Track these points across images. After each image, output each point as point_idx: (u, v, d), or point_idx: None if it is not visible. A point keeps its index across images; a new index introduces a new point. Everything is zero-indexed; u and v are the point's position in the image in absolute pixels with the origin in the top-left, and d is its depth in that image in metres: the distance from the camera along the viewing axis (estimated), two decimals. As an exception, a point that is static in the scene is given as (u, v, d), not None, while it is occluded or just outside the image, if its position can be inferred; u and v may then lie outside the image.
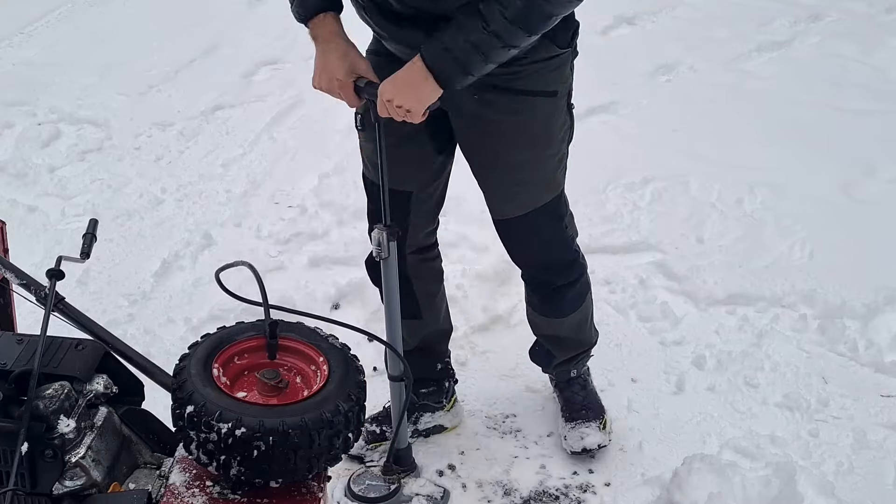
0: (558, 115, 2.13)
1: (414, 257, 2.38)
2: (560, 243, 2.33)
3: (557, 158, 2.19)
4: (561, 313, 2.46)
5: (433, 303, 2.52)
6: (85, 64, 5.16)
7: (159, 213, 3.74)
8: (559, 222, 2.28)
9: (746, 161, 4.08)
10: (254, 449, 1.34)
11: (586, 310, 2.51)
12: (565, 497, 2.46)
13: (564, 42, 2.05)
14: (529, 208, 2.21)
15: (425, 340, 2.53)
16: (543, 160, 2.16)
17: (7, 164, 4.05)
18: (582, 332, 2.55)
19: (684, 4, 6.02)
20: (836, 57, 5.28)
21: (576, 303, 2.45)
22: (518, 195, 2.21)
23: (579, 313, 2.48)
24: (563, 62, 2.08)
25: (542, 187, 2.20)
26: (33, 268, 1.89)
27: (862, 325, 3.05)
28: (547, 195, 2.21)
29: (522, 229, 2.27)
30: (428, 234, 2.42)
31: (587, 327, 2.56)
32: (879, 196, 3.83)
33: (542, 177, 2.18)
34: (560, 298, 2.42)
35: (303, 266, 3.38)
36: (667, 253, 3.45)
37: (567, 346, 2.56)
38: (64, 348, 1.51)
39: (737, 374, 2.86)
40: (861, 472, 2.52)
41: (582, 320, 2.51)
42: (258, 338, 1.54)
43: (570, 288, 2.41)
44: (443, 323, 2.59)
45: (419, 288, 2.43)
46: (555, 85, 2.09)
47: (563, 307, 2.44)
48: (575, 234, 2.37)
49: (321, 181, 3.87)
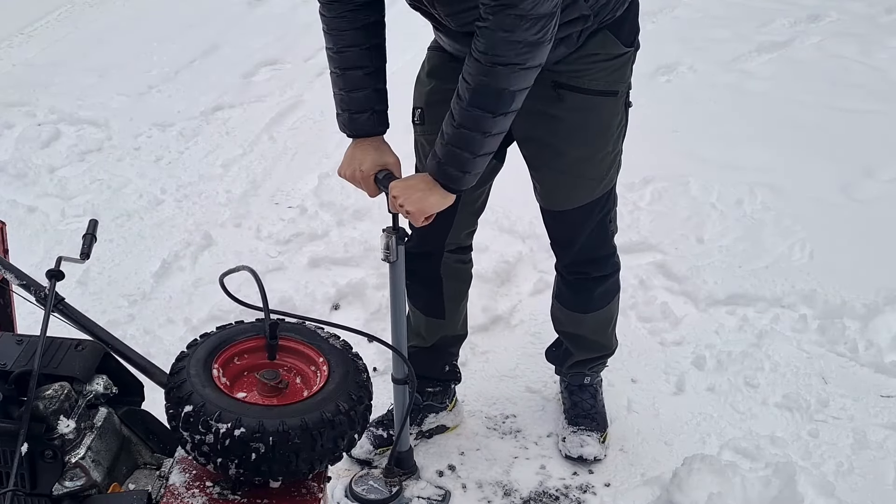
0: (616, 114, 2.15)
1: (451, 256, 2.40)
2: (603, 237, 2.36)
3: (613, 155, 2.22)
4: (588, 308, 2.46)
5: (458, 306, 2.53)
6: (85, 64, 5.16)
7: (159, 214, 3.74)
8: (606, 216, 2.31)
9: (746, 161, 4.09)
10: (253, 450, 1.34)
11: (612, 311, 2.52)
12: (565, 497, 2.46)
13: (629, 40, 2.08)
14: (583, 202, 2.23)
15: (442, 341, 2.54)
16: (601, 157, 2.18)
17: (7, 165, 4.05)
18: (604, 335, 2.55)
19: (684, 4, 6.02)
20: (836, 57, 5.29)
21: (604, 299, 2.46)
22: (574, 189, 2.22)
23: (605, 311, 2.48)
24: (626, 61, 2.11)
25: (597, 183, 2.22)
26: (33, 268, 1.89)
27: (862, 325, 3.05)
28: (600, 190, 2.23)
29: (572, 221, 2.29)
30: (468, 235, 2.44)
31: (609, 331, 2.56)
32: (879, 196, 3.83)
33: (598, 173, 2.20)
34: (590, 291, 2.43)
35: (303, 266, 3.38)
36: (667, 253, 3.45)
37: (586, 346, 2.56)
38: (64, 349, 1.51)
39: (737, 375, 2.86)
40: (861, 472, 2.52)
41: (605, 321, 2.52)
42: (258, 338, 1.54)
43: (602, 283, 2.42)
44: (461, 328, 2.60)
45: (448, 288, 2.44)
46: (617, 85, 2.11)
47: (591, 301, 2.45)
48: (615, 230, 2.39)
49: (321, 181, 3.87)
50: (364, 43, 2.01)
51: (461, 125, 1.83)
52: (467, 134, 1.83)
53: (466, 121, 1.82)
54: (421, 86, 2.24)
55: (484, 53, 1.74)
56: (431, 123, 2.17)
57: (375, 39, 2.03)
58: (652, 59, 5.11)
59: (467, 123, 1.82)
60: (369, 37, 2.02)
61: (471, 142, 1.84)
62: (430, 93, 2.19)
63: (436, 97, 2.16)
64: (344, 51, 2.02)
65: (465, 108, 1.81)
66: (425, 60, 2.25)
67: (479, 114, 1.80)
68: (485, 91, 1.78)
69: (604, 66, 2.06)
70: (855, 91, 4.83)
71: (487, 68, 1.75)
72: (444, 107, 2.09)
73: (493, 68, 1.75)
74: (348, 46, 2.01)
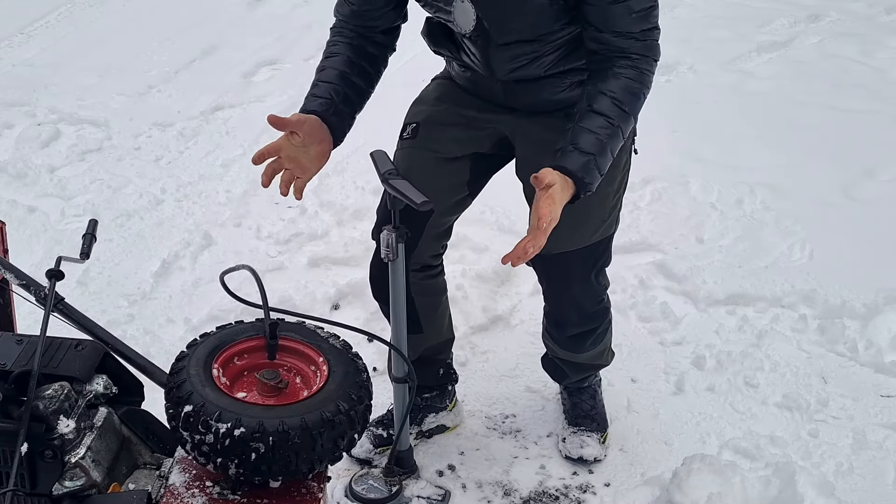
0: (625, 149, 2.15)
1: (416, 275, 2.37)
2: (592, 294, 2.33)
3: (616, 198, 2.20)
4: (579, 350, 2.45)
5: (434, 316, 2.49)
6: (85, 64, 5.16)
7: (159, 214, 3.74)
8: (601, 268, 2.29)
9: (746, 161, 4.09)
10: (253, 450, 1.34)
11: (605, 343, 2.51)
12: (565, 497, 2.46)
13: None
14: (584, 243, 2.19)
15: (427, 352, 2.52)
16: (607, 194, 2.15)
17: (7, 165, 4.05)
18: (600, 359, 2.56)
19: (684, 4, 6.02)
20: (836, 57, 5.29)
21: (596, 342, 2.45)
22: (577, 229, 2.14)
23: (600, 346, 2.48)
24: None
25: (599, 223, 2.18)
26: (33, 268, 1.89)
27: (862, 325, 3.05)
28: (600, 234, 2.20)
29: (567, 264, 2.23)
30: (434, 257, 2.41)
31: (605, 355, 2.57)
32: (879, 196, 3.83)
33: (602, 212, 2.17)
34: (582, 340, 2.41)
35: (302, 266, 3.38)
36: (667, 253, 3.45)
37: (583, 370, 2.57)
38: (64, 349, 1.50)
39: (737, 375, 2.86)
40: (861, 472, 2.52)
41: (600, 352, 2.52)
42: (258, 338, 1.54)
43: (592, 332, 2.41)
44: (445, 333, 2.57)
45: (421, 304, 2.41)
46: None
47: (581, 347, 2.43)
48: (607, 285, 2.39)
49: (321, 181, 3.87)
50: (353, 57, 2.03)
51: (620, 126, 1.86)
52: (619, 134, 1.86)
53: (624, 122, 1.86)
54: (424, 105, 2.27)
55: (642, 67, 1.90)
56: (424, 140, 2.22)
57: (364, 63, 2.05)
58: (652, 59, 5.11)
59: (625, 124, 1.86)
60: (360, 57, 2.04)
61: (618, 143, 1.87)
62: (435, 113, 2.23)
63: (439, 117, 2.21)
64: (333, 53, 2.05)
65: (624, 111, 1.85)
66: (434, 87, 2.29)
67: (631, 119, 1.89)
68: (641, 95, 1.90)
69: None
70: (855, 91, 4.84)
71: (643, 76, 1.89)
72: (445, 127, 2.19)
73: (647, 75, 1.90)
74: (338, 53, 2.04)
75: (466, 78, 2.16)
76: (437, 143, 2.21)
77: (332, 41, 2.08)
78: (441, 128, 2.22)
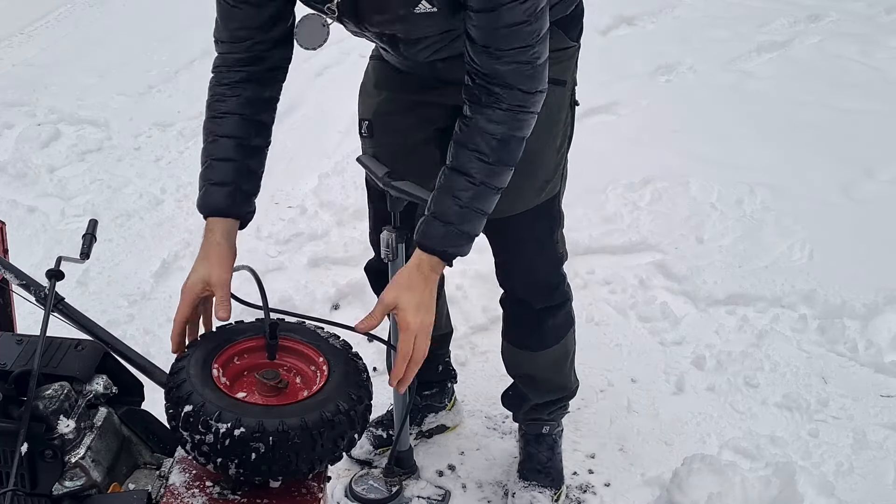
0: (563, 106, 2.05)
1: None
2: (548, 260, 2.19)
3: (559, 156, 2.09)
4: (540, 345, 2.26)
5: None
6: (85, 64, 5.16)
7: (159, 214, 3.74)
8: (551, 231, 2.15)
9: (746, 161, 4.09)
10: (253, 450, 1.34)
11: (567, 347, 2.32)
12: (565, 497, 2.46)
13: (574, 36, 2.02)
14: (527, 206, 2.08)
15: None
16: (549, 154, 2.06)
17: (7, 165, 4.05)
18: (560, 374, 2.34)
19: (684, 4, 6.02)
20: (836, 57, 5.29)
21: (557, 334, 2.26)
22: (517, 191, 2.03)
23: (560, 347, 2.28)
24: (571, 55, 2.03)
25: (543, 183, 2.08)
26: (33, 268, 1.89)
27: (862, 325, 3.05)
28: (545, 195, 2.09)
29: (515, 230, 2.12)
30: None
31: (566, 368, 2.35)
32: (879, 196, 3.83)
33: (544, 173, 2.07)
34: (540, 325, 2.24)
35: (302, 266, 3.38)
36: (667, 253, 3.45)
37: (543, 387, 2.35)
38: (63, 349, 1.50)
39: (737, 375, 2.86)
40: (861, 472, 2.52)
41: (561, 357, 2.32)
42: (258, 338, 1.54)
43: (552, 314, 2.23)
44: (443, 328, 2.54)
45: None
46: (563, 75, 2.00)
47: (542, 337, 2.25)
48: (564, 256, 2.23)
49: (321, 181, 3.87)
50: (247, 114, 1.77)
51: (484, 182, 1.66)
52: (488, 192, 1.68)
53: (490, 177, 1.67)
54: (368, 97, 2.14)
55: (510, 105, 1.66)
56: (381, 135, 2.11)
57: (262, 115, 1.80)
58: (652, 59, 5.12)
59: (491, 180, 1.67)
60: (256, 111, 1.78)
61: (489, 200, 1.69)
62: (380, 104, 2.10)
63: (386, 108, 2.09)
64: (222, 117, 1.78)
65: (490, 164, 1.66)
66: (369, 70, 2.14)
67: (502, 168, 1.68)
68: (516, 141, 1.68)
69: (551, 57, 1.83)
70: (855, 91, 4.84)
71: (515, 118, 1.66)
72: (395, 117, 2.07)
73: (517, 115, 1.67)
74: (227, 113, 1.78)
75: (394, 59, 2.01)
76: (394, 133, 2.10)
77: (217, 94, 1.80)
78: (391, 118, 2.09)
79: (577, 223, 2.38)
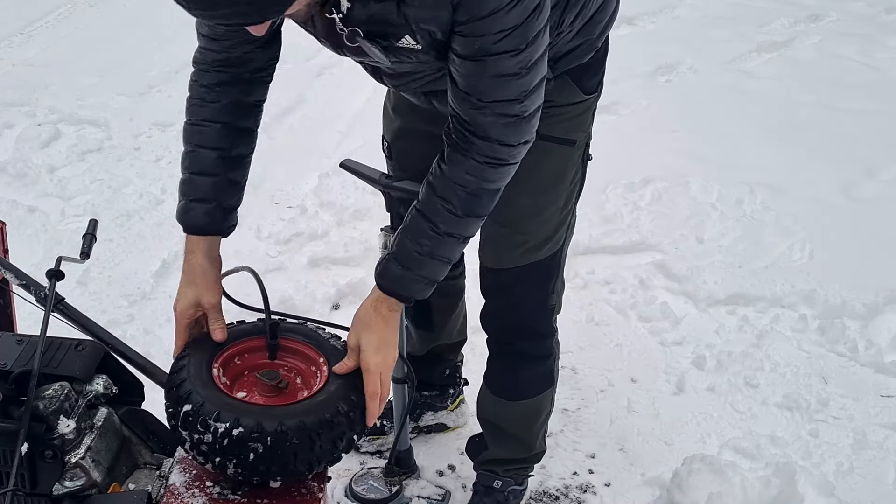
0: (572, 165, 1.92)
1: None
2: (539, 310, 2.07)
3: (564, 213, 1.98)
4: (514, 394, 2.16)
5: (449, 318, 2.41)
6: (85, 64, 5.16)
7: (159, 214, 3.74)
8: (548, 288, 2.04)
9: (746, 161, 4.09)
10: (251, 450, 1.34)
11: (542, 405, 2.19)
12: (565, 497, 2.46)
13: (591, 87, 1.87)
14: (522, 262, 1.98)
15: (436, 349, 2.48)
16: (550, 213, 1.95)
17: (7, 165, 4.05)
18: (529, 432, 2.22)
19: (684, 4, 6.03)
20: (836, 57, 5.29)
21: (535, 387, 2.15)
22: (513, 247, 1.97)
23: (534, 403, 2.17)
24: (586, 108, 1.89)
25: (542, 242, 1.97)
26: (33, 268, 1.89)
27: (862, 325, 3.05)
28: (544, 252, 1.98)
29: (507, 284, 2.02)
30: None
31: (536, 428, 2.22)
32: (879, 196, 3.84)
33: (544, 232, 1.96)
34: (519, 372, 2.14)
35: (303, 266, 3.38)
36: (667, 253, 3.45)
37: (505, 442, 2.24)
38: (64, 349, 1.50)
39: (737, 375, 2.86)
40: (861, 472, 2.52)
41: (533, 414, 2.19)
42: (259, 338, 1.55)
43: (533, 365, 2.13)
44: (456, 336, 2.50)
45: (437, 304, 2.26)
46: (574, 133, 1.88)
47: (518, 386, 2.15)
48: (557, 308, 2.11)
49: (321, 181, 3.87)
50: (228, 121, 1.67)
51: (449, 233, 1.56)
52: (453, 242, 1.58)
53: (457, 228, 1.57)
54: (388, 120, 2.12)
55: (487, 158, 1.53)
56: (398, 159, 2.10)
57: (245, 122, 1.70)
58: (652, 59, 5.12)
59: (457, 231, 1.57)
60: (238, 117, 1.69)
61: (453, 250, 1.59)
62: (396, 131, 2.09)
63: (402, 135, 2.08)
64: (202, 124, 1.67)
65: (457, 217, 1.55)
66: (391, 92, 2.07)
67: (471, 220, 1.58)
68: (487, 193, 1.57)
69: (560, 113, 1.82)
70: (855, 91, 4.84)
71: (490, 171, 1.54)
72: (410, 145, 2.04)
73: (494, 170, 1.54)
74: (208, 121, 1.67)
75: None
76: (412, 156, 2.02)
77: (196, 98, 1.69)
78: (407, 144, 2.08)
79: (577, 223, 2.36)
